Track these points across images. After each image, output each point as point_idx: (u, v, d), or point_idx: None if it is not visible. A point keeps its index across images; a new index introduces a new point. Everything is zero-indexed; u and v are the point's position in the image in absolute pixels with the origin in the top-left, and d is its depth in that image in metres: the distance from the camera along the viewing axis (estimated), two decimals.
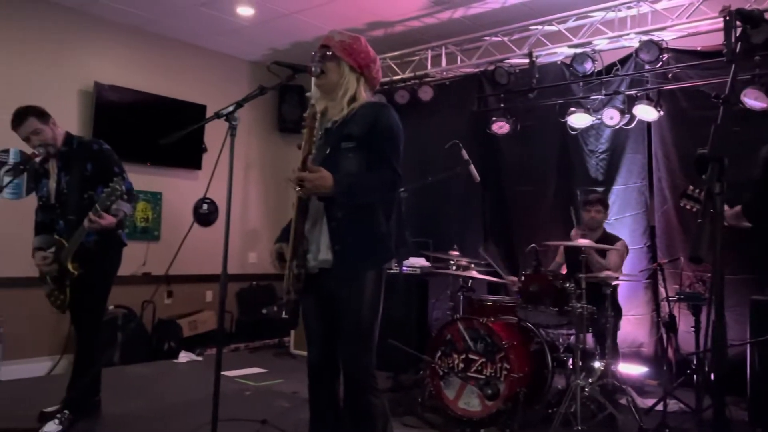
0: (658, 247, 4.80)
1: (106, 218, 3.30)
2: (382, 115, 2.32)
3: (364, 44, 2.42)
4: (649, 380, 4.65)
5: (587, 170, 5.18)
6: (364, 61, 2.39)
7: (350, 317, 2.29)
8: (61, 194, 3.50)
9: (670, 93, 4.70)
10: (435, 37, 5.74)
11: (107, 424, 3.62)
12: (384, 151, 2.29)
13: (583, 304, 3.66)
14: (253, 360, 5.64)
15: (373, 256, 2.29)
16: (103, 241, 3.50)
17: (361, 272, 2.28)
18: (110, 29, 5.80)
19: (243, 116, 5.84)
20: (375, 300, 2.30)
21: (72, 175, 3.49)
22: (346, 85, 2.33)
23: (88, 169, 3.49)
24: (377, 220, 2.29)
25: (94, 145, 3.57)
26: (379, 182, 2.27)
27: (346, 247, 2.24)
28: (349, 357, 2.33)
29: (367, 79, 2.42)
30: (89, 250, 3.43)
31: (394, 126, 2.33)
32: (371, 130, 2.27)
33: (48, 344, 5.27)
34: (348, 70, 2.34)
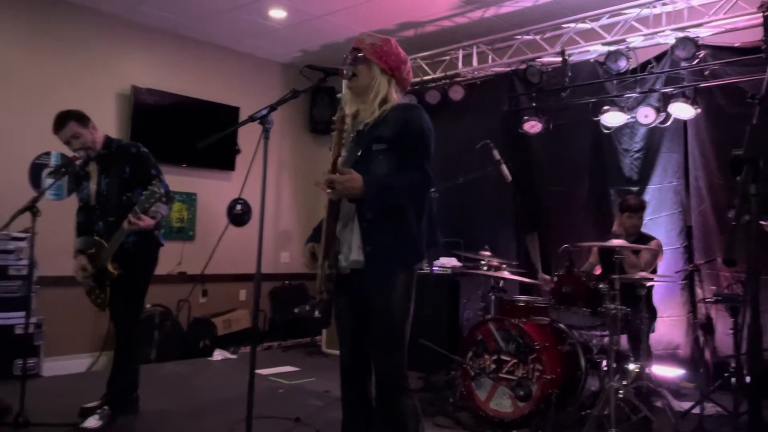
0: (695, 247, 4.70)
1: (145, 220, 3.38)
2: (413, 117, 2.33)
3: (394, 46, 2.43)
4: (686, 383, 4.56)
5: (621, 169, 5.11)
6: (395, 63, 2.40)
7: (381, 317, 2.30)
8: (101, 196, 3.60)
9: (707, 90, 4.60)
10: (466, 37, 5.73)
11: (145, 420, 3.70)
12: (415, 152, 2.29)
13: (617, 305, 3.61)
14: (285, 358, 5.71)
15: (403, 256, 2.30)
16: (141, 242, 3.58)
17: (391, 273, 2.28)
18: (147, 34, 5.93)
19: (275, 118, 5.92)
20: (406, 300, 2.31)
21: (111, 178, 3.58)
22: (377, 87, 2.35)
23: (127, 171, 3.58)
24: (408, 221, 2.29)
25: (132, 148, 3.66)
26: (409, 184, 2.27)
27: (377, 248, 2.25)
28: (380, 357, 2.35)
29: (398, 80, 2.43)
30: (128, 251, 3.52)
31: (424, 127, 2.33)
32: (402, 132, 2.28)
33: (88, 341, 5.42)
34: (379, 72, 2.36)
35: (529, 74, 5.29)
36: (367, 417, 2.45)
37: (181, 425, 3.68)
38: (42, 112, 5.24)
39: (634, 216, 4.25)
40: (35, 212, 3.34)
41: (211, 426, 3.66)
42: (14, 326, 4.50)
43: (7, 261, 4.57)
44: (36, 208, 3.34)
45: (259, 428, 3.20)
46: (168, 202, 3.60)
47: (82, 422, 3.42)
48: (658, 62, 4.83)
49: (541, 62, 5.28)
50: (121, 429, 3.52)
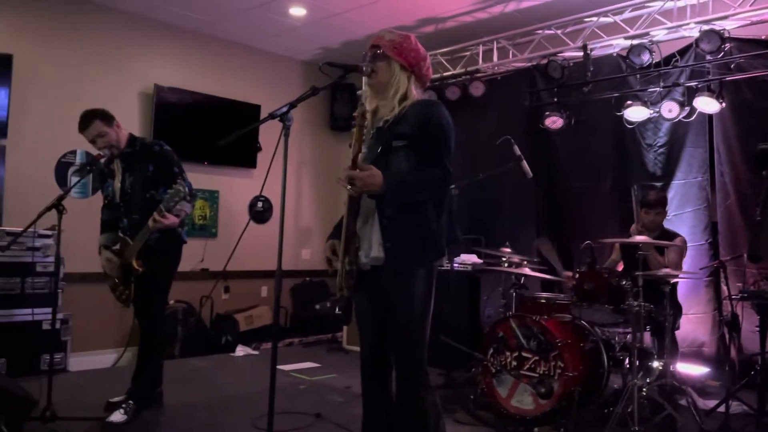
0: (721, 243, 4.63)
1: (170, 218, 3.42)
2: (433, 113, 2.33)
3: (414, 42, 2.43)
4: (711, 381, 4.49)
5: (645, 165, 5.05)
6: (415, 59, 2.40)
7: (401, 314, 2.31)
8: (125, 194, 3.65)
9: (732, 84, 4.52)
10: (486, 32, 5.69)
11: (169, 415, 3.76)
12: (435, 149, 2.30)
13: (640, 302, 3.57)
14: (306, 355, 5.74)
15: (423, 253, 2.30)
16: (165, 239, 3.63)
17: (412, 269, 2.29)
18: (169, 33, 5.99)
19: (295, 115, 5.94)
20: (426, 297, 2.31)
21: (135, 176, 3.64)
22: (397, 84, 2.36)
23: (150, 169, 3.62)
24: (428, 218, 2.29)
25: (155, 147, 3.70)
26: (428, 180, 2.28)
27: (397, 245, 2.26)
28: (400, 353, 2.36)
29: (418, 76, 2.43)
30: (152, 248, 3.57)
31: (444, 123, 2.33)
32: (422, 129, 2.28)
33: (113, 337, 5.51)
34: (398, 69, 2.37)
35: (550, 69, 5.24)
36: (388, 412, 2.46)
37: (204, 420, 3.73)
38: (67, 111, 5.31)
39: (651, 212, 4.20)
40: (61, 210, 3.39)
41: (234, 421, 3.70)
42: (41, 322, 4.58)
43: (34, 258, 4.65)
44: (62, 206, 3.40)
45: (281, 423, 3.24)
46: (191, 200, 3.63)
47: (108, 416, 3.48)
48: (682, 56, 4.75)
49: (562, 57, 5.23)
50: (146, 423, 3.58)
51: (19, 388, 3.06)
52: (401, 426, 2.39)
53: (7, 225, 4.79)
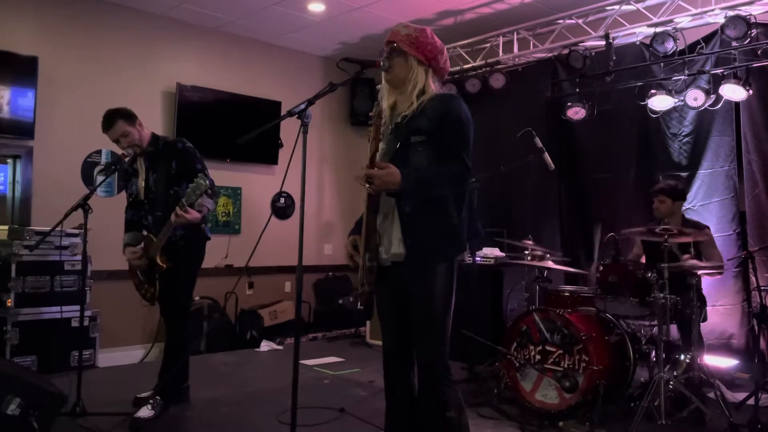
0: (749, 233, 4.53)
1: (192, 213, 3.41)
2: (452, 107, 2.31)
3: (430, 36, 2.41)
4: (740, 373, 4.42)
5: (670, 155, 4.96)
6: (431, 53, 2.38)
7: (423, 309, 2.31)
8: (149, 191, 3.69)
9: (760, 70, 4.42)
10: (506, 23, 5.64)
11: (195, 410, 3.81)
12: (453, 143, 2.29)
13: (666, 294, 3.52)
14: (330, 349, 5.77)
15: (444, 248, 2.30)
16: (189, 236, 3.66)
17: (432, 264, 2.29)
18: (190, 32, 6.05)
19: (315, 111, 5.94)
20: (447, 292, 2.31)
21: (158, 173, 3.67)
22: (415, 78, 2.35)
23: (173, 166, 3.65)
24: (448, 213, 2.29)
25: (178, 144, 3.73)
26: (447, 176, 2.27)
27: (418, 240, 2.26)
28: (422, 348, 2.37)
29: (435, 70, 2.42)
30: (176, 245, 3.61)
31: (463, 118, 2.31)
32: (441, 123, 2.27)
33: (141, 333, 5.60)
34: (416, 63, 2.35)
35: (572, 59, 5.17)
36: (410, 406, 2.46)
37: (229, 414, 3.77)
38: (92, 110, 5.38)
39: (655, 199, 4.14)
40: (87, 209, 3.45)
41: (259, 415, 3.74)
42: (71, 319, 4.67)
43: (62, 257, 4.74)
44: (88, 205, 3.46)
45: (305, 418, 3.26)
46: (213, 197, 3.64)
47: (135, 412, 3.53)
48: (707, 43, 4.65)
49: (584, 47, 5.15)
50: (172, 418, 3.63)
51: (49, 384, 3.13)
52: (424, 420, 2.39)
53: (35, 225, 4.90)
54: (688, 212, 4.70)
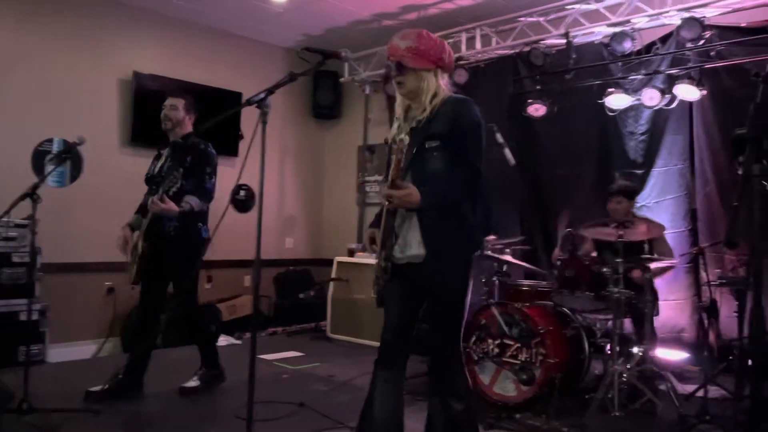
0: (700, 230, 4.67)
1: (168, 204, 3.49)
2: (463, 112, 2.41)
3: (427, 38, 2.46)
4: (690, 366, 4.55)
5: (626, 152, 5.07)
6: (436, 54, 2.44)
7: (439, 306, 2.45)
8: (158, 176, 3.80)
9: (713, 71, 4.54)
10: (469, 19, 5.67)
11: (150, 404, 3.73)
12: (465, 148, 2.38)
13: (620, 289, 3.60)
14: (290, 344, 5.72)
15: (462, 249, 2.42)
16: (182, 229, 3.73)
17: (450, 264, 2.40)
18: (148, 19, 5.90)
19: (277, 103, 5.88)
20: (463, 289, 2.44)
21: (174, 163, 3.80)
22: (426, 87, 2.42)
23: (188, 160, 3.77)
24: (464, 214, 2.41)
25: (201, 144, 3.87)
26: (461, 184, 2.38)
27: (437, 242, 2.37)
28: (436, 341, 2.48)
29: (443, 67, 2.49)
30: (168, 234, 3.69)
31: (474, 122, 2.41)
32: (453, 128, 2.37)
33: (94, 328, 5.45)
34: (424, 73, 2.42)
35: (533, 57, 5.23)
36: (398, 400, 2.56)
37: (186, 409, 3.71)
38: (43, 98, 5.25)
39: (612, 200, 4.23)
40: (35, 199, 3.34)
41: (216, 410, 3.69)
42: (18, 313, 4.51)
43: (9, 248, 4.57)
44: (36, 194, 3.35)
45: (263, 413, 3.22)
46: (204, 200, 3.77)
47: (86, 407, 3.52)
48: (663, 43, 4.77)
49: (545, 44, 5.22)
50: (129, 413, 3.55)
51: None
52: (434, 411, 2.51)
53: None
54: (643, 209, 4.81)
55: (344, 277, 5.99)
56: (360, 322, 5.78)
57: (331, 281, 6.09)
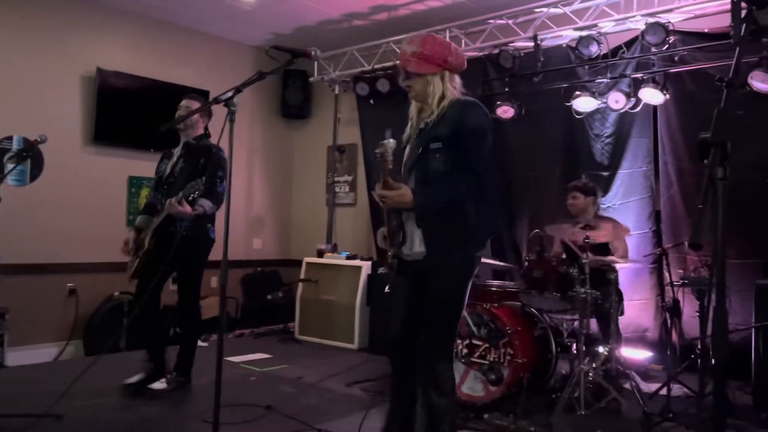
0: (664, 231, 4.77)
1: (184, 206, 3.63)
2: (467, 116, 2.46)
3: (432, 42, 2.51)
4: (654, 365, 4.64)
5: (593, 155, 5.14)
6: (440, 56, 2.48)
7: (435, 303, 2.49)
8: (172, 176, 3.95)
9: (676, 76, 4.64)
10: (439, 21, 5.68)
11: (115, 409, 3.65)
12: (466, 152, 2.42)
13: (587, 290, 3.65)
14: (258, 346, 5.66)
15: (460, 248, 2.46)
16: (193, 230, 3.83)
17: (449, 263, 2.45)
18: (113, 15, 5.77)
19: (246, 102, 5.82)
20: (460, 289, 2.48)
21: (187, 164, 3.93)
22: (433, 91, 2.49)
23: (201, 162, 3.90)
24: (465, 214, 2.44)
25: (214, 148, 3.90)
26: (455, 187, 2.44)
27: (437, 241, 2.44)
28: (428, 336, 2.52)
29: (451, 68, 2.52)
30: (181, 237, 3.71)
31: (477, 126, 2.46)
32: (456, 131, 2.42)
33: (54, 331, 5.31)
34: (430, 76, 2.48)
35: (501, 59, 5.27)
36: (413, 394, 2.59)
37: (150, 413, 3.63)
38: (3, 95, 5.09)
39: (579, 196, 4.29)
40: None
41: (182, 414, 3.62)
42: None
43: None
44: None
45: (229, 416, 3.18)
46: (216, 203, 3.87)
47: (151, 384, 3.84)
48: (628, 48, 4.85)
49: (514, 47, 5.26)
50: (92, 417, 3.46)
51: None
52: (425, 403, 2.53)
53: None
54: (609, 210, 4.89)
55: (313, 278, 5.96)
56: (329, 324, 5.76)
57: (300, 282, 6.05)
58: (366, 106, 6.44)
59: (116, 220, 5.78)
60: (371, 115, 6.43)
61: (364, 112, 6.53)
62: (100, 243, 5.60)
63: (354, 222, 6.89)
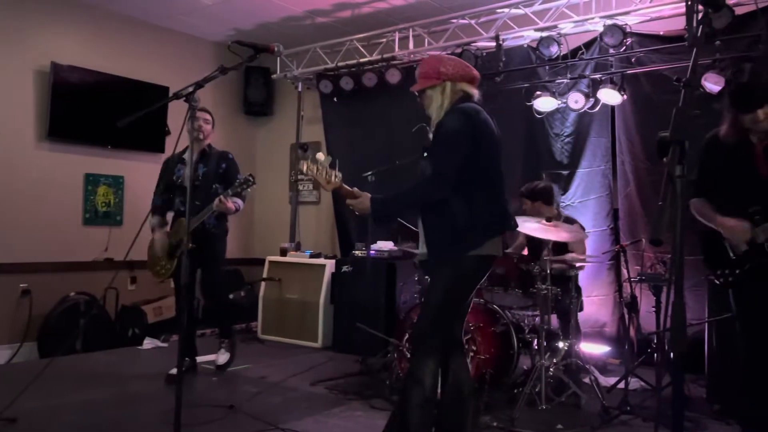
0: (621, 229, 4.88)
1: (231, 204, 4.10)
2: (443, 122, 2.59)
3: (429, 59, 2.79)
4: (612, 359, 4.75)
5: (553, 154, 5.23)
6: (434, 70, 2.64)
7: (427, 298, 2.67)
8: (197, 180, 4.26)
9: (633, 77, 4.75)
10: (402, 19, 5.70)
11: (71, 413, 3.55)
12: (434, 156, 2.58)
13: (548, 286, 3.71)
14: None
15: (451, 246, 2.54)
16: (219, 225, 4.36)
17: (440, 263, 2.57)
18: (69, 7, 5.61)
19: (207, 98, 5.75)
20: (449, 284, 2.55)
21: (209, 168, 4.32)
22: (434, 103, 2.66)
23: (223, 167, 4.38)
24: (454, 215, 2.51)
25: (228, 154, 4.49)
26: (412, 192, 2.62)
27: (432, 241, 2.59)
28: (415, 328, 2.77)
29: (449, 78, 2.64)
30: (209, 231, 4.26)
31: (447, 129, 2.56)
32: (434, 137, 2.60)
33: (8, 332, 5.15)
34: (429, 90, 2.66)
35: (464, 58, 5.26)
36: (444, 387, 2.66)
37: (109, 417, 3.54)
38: None
39: (527, 202, 4.34)
40: None
41: (141, 417, 3.54)
42: None
43: None
44: None
45: (191, 417, 3.13)
46: (243, 202, 4.33)
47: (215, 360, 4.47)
48: (587, 49, 4.94)
49: (476, 47, 5.31)
50: (48, 420, 3.36)
51: None
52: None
53: None
54: (568, 209, 4.98)
55: (276, 277, 5.91)
56: (292, 323, 5.72)
57: (263, 281, 5.99)
58: (329, 104, 6.41)
59: (72, 218, 5.62)
60: (335, 113, 6.40)
61: (328, 110, 6.50)
62: (55, 242, 5.45)
63: (318, 220, 6.86)
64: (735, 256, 2.61)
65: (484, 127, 2.64)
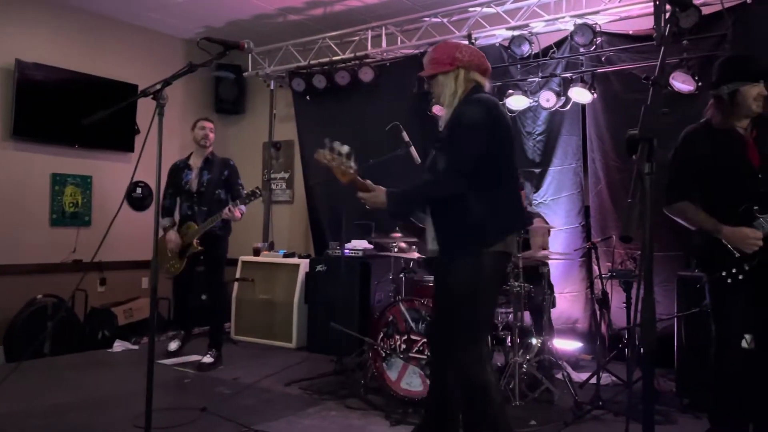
0: (592, 226, 4.94)
1: (238, 212, 4.49)
2: (458, 114, 2.48)
3: (443, 45, 2.67)
4: (584, 355, 4.81)
5: (525, 152, 5.27)
6: (449, 56, 2.53)
7: (444, 300, 2.59)
8: (201, 186, 4.65)
9: (603, 76, 4.81)
10: (375, 17, 5.69)
11: (39, 418, 3.47)
12: (449, 150, 2.46)
13: (520, 283, 3.73)
14: (192, 347, 5.49)
15: (465, 245, 2.45)
16: (225, 229, 4.71)
17: (456, 259, 2.47)
18: (34, 3, 5.48)
19: (177, 96, 5.67)
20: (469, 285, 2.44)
21: (212, 175, 4.68)
22: (445, 90, 2.55)
23: (225, 174, 4.73)
24: (468, 211, 2.42)
25: (230, 161, 4.88)
26: (426, 187, 2.56)
27: (444, 238, 2.50)
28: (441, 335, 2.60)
29: (464, 65, 2.53)
30: (216, 235, 4.63)
31: (464, 122, 2.44)
32: (450, 128, 2.48)
33: None
34: (442, 77, 2.55)
35: None
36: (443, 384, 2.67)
37: (78, 421, 3.47)
38: None
39: None
40: None
41: (112, 420, 3.47)
42: None
43: None
44: None
45: (163, 420, 3.09)
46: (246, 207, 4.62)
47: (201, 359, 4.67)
48: (558, 48, 4.99)
49: None
50: (19, 423, 3.28)
51: None
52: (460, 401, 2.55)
53: None
54: (541, 206, 5.03)
55: (249, 277, 5.85)
56: (266, 323, 5.67)
57: (236, 281, 5.93)
58: (302, 102, 6.38)
59: (38, 219, 5.50)
60: (308, 111, 6.37)
61: (301, 108, 6.46)
62: (22, 244, 5.33)
63: (291, 219, 6.81)
64: (739, 254, 2.57)
65: (502, 121, 2.53)
